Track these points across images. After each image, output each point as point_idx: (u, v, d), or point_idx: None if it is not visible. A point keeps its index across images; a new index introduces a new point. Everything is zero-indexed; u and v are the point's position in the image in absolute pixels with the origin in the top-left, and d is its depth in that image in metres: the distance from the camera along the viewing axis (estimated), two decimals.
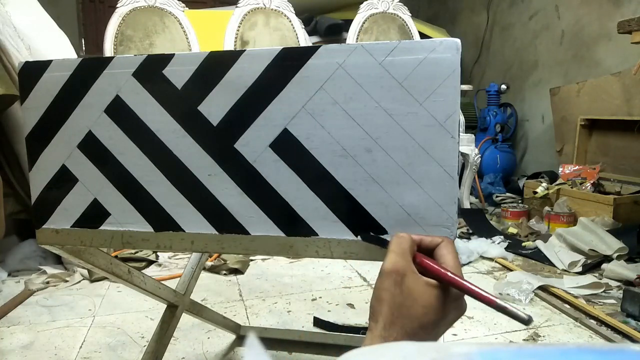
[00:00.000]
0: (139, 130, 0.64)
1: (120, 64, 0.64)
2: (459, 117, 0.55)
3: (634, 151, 2.50)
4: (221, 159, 0.61)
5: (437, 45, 0.54)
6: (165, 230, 0.64)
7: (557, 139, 3.08)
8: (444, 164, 0.55)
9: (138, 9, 1.99)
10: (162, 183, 0.64)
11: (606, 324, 1.43)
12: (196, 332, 1.43)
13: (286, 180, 0.59)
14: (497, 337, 1.41)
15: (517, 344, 1.22)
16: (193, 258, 1.21)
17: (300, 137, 0.58)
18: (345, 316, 1.55)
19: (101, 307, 1.63)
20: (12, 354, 1.32)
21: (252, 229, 0.61)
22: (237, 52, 0.60)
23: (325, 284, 1.82)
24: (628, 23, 1.81)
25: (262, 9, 2.15)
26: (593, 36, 2.98)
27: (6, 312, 1.58)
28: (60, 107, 0.66)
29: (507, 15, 3.78)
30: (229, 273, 1.94)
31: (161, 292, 1.02)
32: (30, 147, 0.68)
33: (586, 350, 0.22)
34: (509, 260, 2.05)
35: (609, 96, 2.62)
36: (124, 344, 1.38)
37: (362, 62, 0.56)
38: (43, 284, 1.81)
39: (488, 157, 3.39)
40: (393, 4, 2.37)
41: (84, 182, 0.66)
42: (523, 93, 3.60)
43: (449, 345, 0.25)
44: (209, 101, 0.61)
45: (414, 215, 0.56)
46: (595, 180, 2.48)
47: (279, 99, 0.59)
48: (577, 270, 1.89)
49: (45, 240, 0.69)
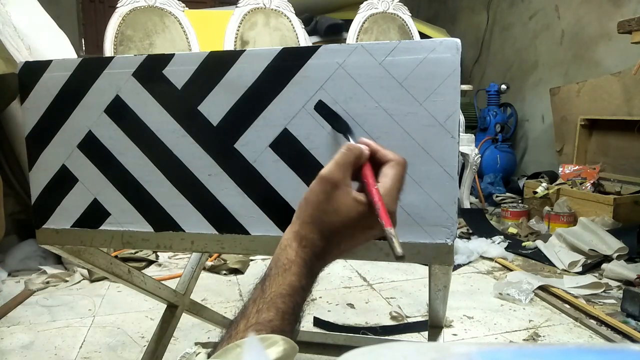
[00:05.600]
0: (139, 130, 0.64)
1: (120, 64, 0.64)
2: (459, 117, 0.55)
3: (634, 151, 2.50)
4: (221, 159, 0.61)
5: (437, 45, 0.55)
6: (165, 230, 0.64)
7: (557, 139, 3.08)
8: (444, 164, 0.55)
9: (138, 9, 1.99)
10: (162, 183, 0.64)
11: (606, 324, 1.43)
12: (196, 332, 1.43)
13: (286, 180, 0.59)
14: (497, 337, 1.41)
15: (517, 344, 1.22)
16: (193, 258, 1.21)
17: (300, 137, 0.58)
18: (345, 316, 1.55)
19: (101, 307, 1.63)
20: (12, 354, 1.32)
21: (252, 229, 0.61)
22: (237, 52, 0.60)
23: (325, 284, 1.82)
24: (628, 23, 1.81)
25: (262, 9, 2.15)
26: (593, 36, 2.98)
27: (6, 312, 1.58)
28: (60, 107, 0.66)
29: (507, 15, 3.78)
30: (229, 273, 1.94)
31: (161, 292, 1.02)
32: (30, 147, 0.68)
33: (586, 350, 0.22)
34: (509, 260, 2.05)
35: (609, 96, 2.62)
36: (124, 344, 1.38)
37: (362, 62, 0.56)
38: (43, 284, 1.81)
39: (488, 157, 3.39)
40: (393, 4, 2.37)
41: (84, 182, 0.66)
42: (523, 93, 3.60)
43: (449, 345, 0.25)
44: (209, 101, 0.61)
45: (414, 215, 0.56)
46: (595, 180, 2.48)
47: (279, 99, 0.59)
48: (577, 270, 1.89)
49: (45, 240, 0.69)
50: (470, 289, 1.77)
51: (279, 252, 0.50)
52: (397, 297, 1.69)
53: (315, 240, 0.49)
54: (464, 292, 1.74)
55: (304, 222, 0.49)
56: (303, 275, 0.48)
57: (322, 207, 0.48)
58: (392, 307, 1.58)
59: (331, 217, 0.48)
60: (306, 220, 0.49)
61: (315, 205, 0.48)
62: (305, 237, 0.49)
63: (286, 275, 0.48)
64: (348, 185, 0.48)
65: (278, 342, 0.43)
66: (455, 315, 1.54)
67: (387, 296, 1.70)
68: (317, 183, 0.49)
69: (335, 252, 0.51)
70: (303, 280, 0.48)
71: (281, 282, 0.47)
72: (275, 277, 0.48)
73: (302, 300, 0.49)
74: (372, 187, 0.48)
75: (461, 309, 1.58)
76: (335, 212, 0.48)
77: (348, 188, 0.48)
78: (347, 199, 0.47)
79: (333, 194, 0.48)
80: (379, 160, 0.50)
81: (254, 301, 0.47)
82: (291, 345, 0.44)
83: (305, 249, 0.49)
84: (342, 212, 0.47)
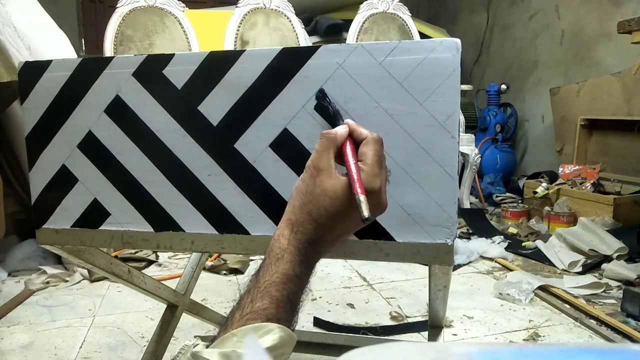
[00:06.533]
0: (139, 130, 0.64)
1: (120, 64, 0.64)
2: (459, 117, 0.55)
3: (634, 151, 2.50)
4: (221, 159, 0.61)
5: (437, 45, 0.54)
6: (165, 230, 0.64)
7: (557, 139, 3.08)
8: (444, 164, 0.55)
9: (138, 9, 1.98)
10: (162, 183, 0.64)
11: (606, 324, 1.43)
12: (196, 332, 1.43)
13: (286, 180, 0.59)
14: (497, 337, 1.41)
15: (517, 344, 1.22)
16: (193, 258, 1.21)
17: (300, 137, 0.58)
18: (345, 316, 1.55)
19: (101, 307, 1.63)
20: (12, 354, 1.32)
21: (252, 229, 0.61)
22: (237, 52, 0.60)
23: (325, 284, 1.82)
24: (628, 23, 1.81)
25: (262, 9, 2.15)
26: (593, 36, 2.98)
27: (6, 312, 1.58)
28: (60, 107, 0.66)
29: (507, 15, 3.78)
30: (229, 273, 1.94)
31: (161, 292, 1.02)
32: (30, 147, 0.68)
33: (586, 350, 0.22)
34: (509, 260, 2.05)
35: (609, 96, 2.62)
36: (124, 344, 1.38)
37: (362, 62, 0.56)
38: (43, 284, 1.81)
39: (488, 157, 3.39)
40: (393, 4, 2.37)
41: (84, 182, 0.66)
42: (523, 93, 3.60)
43: (449, 345, 0.25)
44: (209, 101, 0.61)
45: (414, 215, 0.56)
46: (595, 180, 2.48)
47: (279, 99, 0.59)
48: (577, 270, 1.89)
49: (45, 240, 0.69)
50: (470, 289, 1.77)
51: (272, 243, 0.51)
52: (397, 297, 1.69)
53: (306, 223, 0.50)
54: (464, 292, 1.74)
55: (295, 207, 0.51)
56: (297, 263, 0.49)
57: (309, 189, 0.50)
58: (392, 307, 1.58)
59: (319, 198, 0.49)
60: (296, 205, 0.51)
61: (304, 190, 0.51)
62: (296, 223, 0.50)
63: (279, 263, 0.48)
64: (332, 167, 0.50)
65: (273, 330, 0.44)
66: (455, 315, 1.54)
67: (387, 296, 1.70)
68: (304, 172, 0.52)
69: (328, 236, 0.51)
70: (297, 268, 0.49)
71: (274, 271, 0.48)
72: (269, 266, 0.49)
73: (298, 289, 0.49)
74: (349, 163, 0.50)
75: (461, 309, 1.58)
76: (322, 193, 0.49)
77: (331, 169, 0.50)
78: (332, 179, 0.50)
79: (319, 178, 0.50)
80: (357, 139, 0.52)
81: (248, 292, 0.48)
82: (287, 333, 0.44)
83: (297, 235, 0.50)
84: (329, 192, 0.49)
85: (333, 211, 0.49)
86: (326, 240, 0.51)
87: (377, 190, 0.49)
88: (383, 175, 0.51)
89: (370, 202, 0.48)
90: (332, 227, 0.50)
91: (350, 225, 0.52)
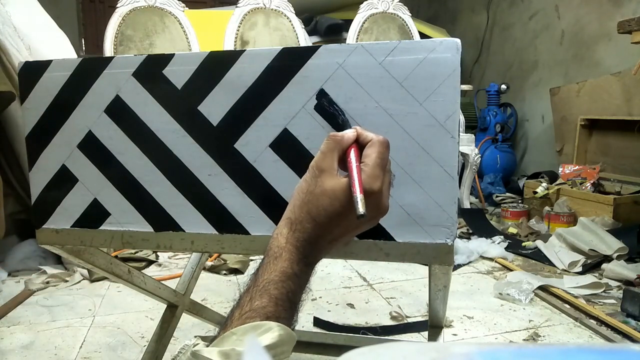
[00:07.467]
0: (139, 130, 0.64)
1: (120, 64, 0.64)
2: (459, 117, 0.55)
3: (634, 151, 2.50)
4: (221, 159, 0.61)
5: (437, 45, 0.54)
6: (165, 230, 0.64)
7: (557, 139, 3.08)
8: (444, 164, 0.55)
9: (138, 9, 1.98)
10: (162, 183, 0.64)
11: (606, 324, 1.43)
12: (196, 332, 1.42)
13: (286, 180, 0.59)
14: (497, 337, 1.41)
15: (517, 344, 1.22)
16: (193, 258, 1.21)
17: (300, 137, 0.58)
18: (345, 316, 1.55)
19: (101, 307, 1.63)
20: (12, 354, 1.32)
21: (252, 229, 0.61)
22: (237, 52, 0.60)
23: (325, 284, 1.82)
24: (628, 23, 1.81)
25: (262, 9, 2.15)
26: (593, 36, 2.98)
27: (6, 312, 1.58)
28: (60, 107, 0.66)
29: (507, 15, 3.78)
30: (229, 273, 1.94)
31: (161, 292, 1.03)
32: (30, 147, 0.68)
33: (586, 350, 0.22)
34: (509, 260, 2.05)
35: (609, 96, 2.62)
36: (124, 344, 1.38)
37: (362, 62, 0.56)
38: (43, 284, 1.81)
39: (488, 157, 3.39)
40: (393, 4, 2.37)
41: (84, 182, 0.66)
42: (523, 93, 3.60)
43: (449, 345, 0.25)
44: (209, 101, 0.61)
45: (414, 215, 0.56)
46: (595, 180, 2.48)
47: (279, 99, 0.59)
48: (577, 270, 1.89)
49: (45, 240, 0.69)
50: (470, 289, 1.77)
51: (271, 241, 0.51)
52: (397, 297, 1.69)
53: (305, 222, 0.50)
54: (464, 292, 1.74)
55: (295, 206, 0.51)
56: (295, 262, 0.49)
57: (310, 189, 0.50)
58: (392, 307, 1.58)
59: (319, 198, 0.50)
60: (296, 204, 0.51)
61: (305, 190, 0.51)
62: (295, 221, 0.50)
63: (277, 262, 0.48)
64: (334, 169, 0.51)
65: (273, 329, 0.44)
66: (455, 315, 1.54)
67: (387, 296, 1.70)
68: (307, 172, 0.52)
69: (328, 236, 0.51)
70: (295, 266, 0.49)
71: (272, 269, 0.48)
72: (267, 265, 0.49)
73: (297, 288, 0.49)
74: (350, 163, 0.50)
75: (461, 309, 1.58)
76: (322, 193, 0.50)
77: (333, 171, 0.50)
78: (333, 180, 0.50)
79: (320, 178, 0.50)
80: (362, 142, 0.52)
81: (247, 291, 0.48)
82: (287, 332, 0.44)
83: (296, 234, 0.50)
84: (328, 192, 0.49)
85: (332, 211, 0.49)
86: (326, 240, 0.51)
87: (376, 191, 0.48)
88: (386, 179, 0.50)
89: (369, 204, 0.47)
90: (332, 227, 0.50)
91: (350, 225, 0.51)
